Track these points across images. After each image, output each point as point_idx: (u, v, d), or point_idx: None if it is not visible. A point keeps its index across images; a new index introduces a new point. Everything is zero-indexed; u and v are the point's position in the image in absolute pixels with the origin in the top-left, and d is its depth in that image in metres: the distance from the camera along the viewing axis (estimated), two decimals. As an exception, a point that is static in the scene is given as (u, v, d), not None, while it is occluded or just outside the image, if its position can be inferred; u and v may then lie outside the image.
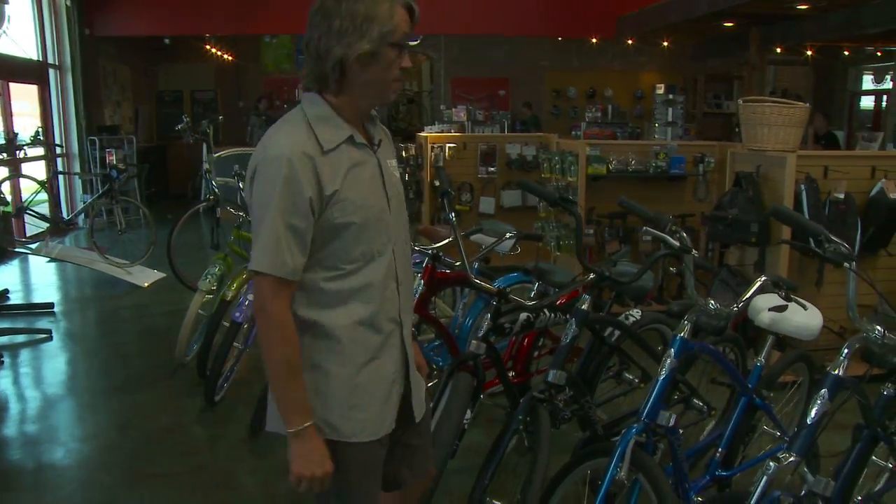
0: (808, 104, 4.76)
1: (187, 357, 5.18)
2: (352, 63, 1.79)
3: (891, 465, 2.89)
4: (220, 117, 9.33)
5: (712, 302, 2.28)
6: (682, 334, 2.39)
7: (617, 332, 3.61)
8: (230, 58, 14.84)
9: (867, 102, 16.37)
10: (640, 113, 15.81)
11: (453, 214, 3.37)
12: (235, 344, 4.39)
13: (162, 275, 7.83)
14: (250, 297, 4.38)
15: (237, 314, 4.32)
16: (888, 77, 15.66)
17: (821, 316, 2.98)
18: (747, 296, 2.32)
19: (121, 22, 11.86)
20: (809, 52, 13.14)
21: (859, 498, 2.69)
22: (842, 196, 4.71)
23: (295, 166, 1.75)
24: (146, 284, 7.60)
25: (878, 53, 14.59)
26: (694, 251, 2.39)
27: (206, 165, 5.90)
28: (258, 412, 4.08)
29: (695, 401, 3.31)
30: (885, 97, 15.64)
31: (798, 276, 4.86)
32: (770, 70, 14.76)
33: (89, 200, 8.63)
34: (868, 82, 16.42)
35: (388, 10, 1.78)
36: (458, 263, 3.54)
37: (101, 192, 8.07)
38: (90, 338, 6.17)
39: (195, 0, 11.85)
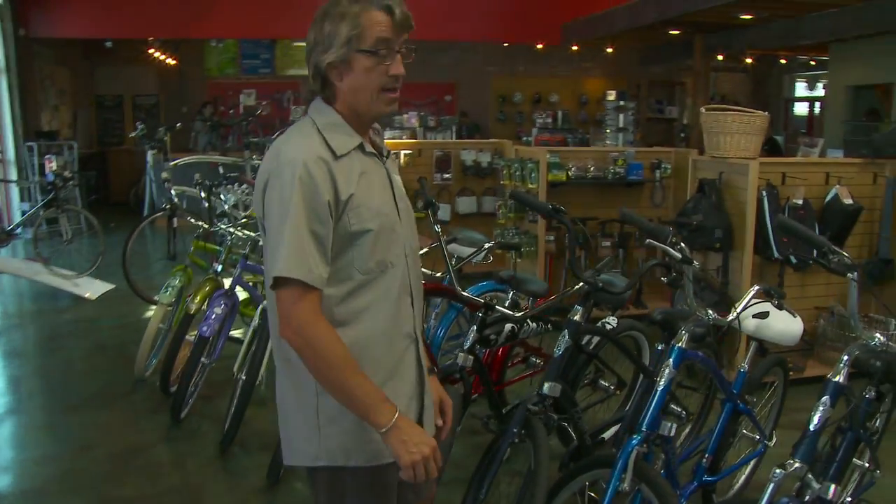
0: (767, 113, 4.87)
1: (147, 373, 5.04)
2: (327, 73, 1.79)
3: (867, 465, 2.97)
4: (178, 125, 9.11)
5: (711, 312, 2.30)
6: (679, 344, 2.41)
7: (595, 340, 3.63)
8: (173, 62, 14.49)
9: (801, 109, 16.92)
10: (584, 118, 16.02)
11: (439, 226, 3.34)
12: (202, 359, 4.27)
13: (111, 286, 7.58)
14: (217, 310, 4.28)
15: (204, 328, 4.20)
16: (820, 84, 16.22)
17: (801, 322, 3.04)
18: (743, 304, 2.35)
19: (59, 23, 11.46)
20: (749, 60, 13.50)
21: (849, 499, 2.74)
22: (800, 202, 4.83)
23: (311, 170, 1.71)
24: (94, 296, 7.34)
25: (812, 62, 15.09)
26: (695, 262, 2.41)
27: (164, 174, 5.73)
28: (231, 429, 3.98)
29: (672, 406, 3.35)
30: (817, 104, 16.19)
31: (759, 279, 4.97)
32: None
33: (32, 209, 8.29)
34: (801, 89, 16.98)
35: (358, 15, 1.75)
36: (438, 275, 3.52)
37: (45, 200, 7.76)
38: (37, 355, 5.91)
39: (137, 2, 11.52)
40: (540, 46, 14.10)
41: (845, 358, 2.19)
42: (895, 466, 3.40)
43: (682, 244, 2.37)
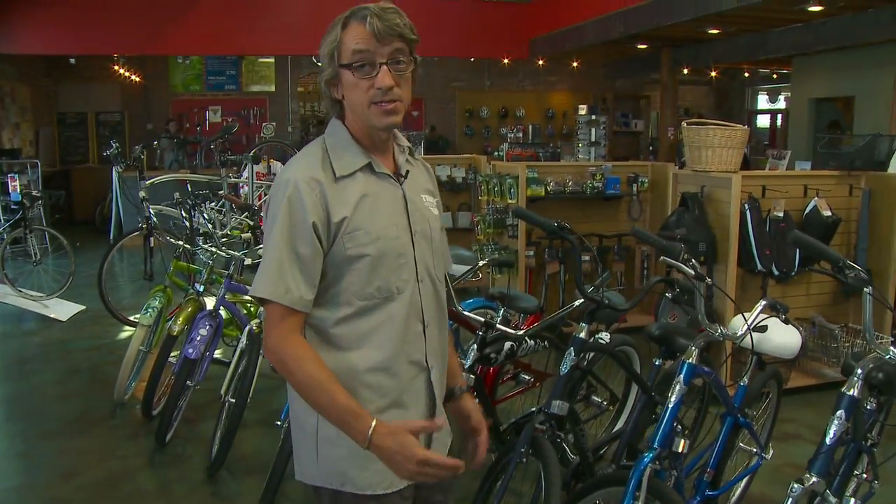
0: (747, 127, 4.94)
1: (126, 396, 4.92)
2: (329, 91, 1.80)
3: (865, 476, 2.99)
4: (155, 143, 8.97)
5: (720, 328, 2.30)
6: (690, 360, 2.40)
7: (589, 355, 3.62)
8: (138, 79, 14.29)
9: (763, 121, 17.25)
10: (551, 132, 16.15)
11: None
12: (187, 381, 4.18)
13: (81, 307, 7.42)
14: (202, 331, 4.20)
15: (190, 350, 4.11)
16: (781, 97, 16.56)
17: (799, 335, 3.07)
18: (752, 318, 2.35)
19: (20, 39, 11.22)
20: (714, 73, 13.74)
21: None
22: (781, 214, 4.89)
23: (300, 190, 1.70)
24: (64, 318, 7.17)
25: (774, 76, 15.41)
26: (708, 279, 2.41)
27: (141, 193, 5.62)
28: (220, 453, 3.89)
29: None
30: (779, 116, 16.52)
31: (742, 291, 5.03)
32: (675, 90, 15.34)
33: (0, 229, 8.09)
34: (763, 102, 17.31)
35: (336, 29, 1.74)
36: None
37: (13, 220, 7.58)
38: (8, 379, 5.71)
39: (101, 18, 11.33)
40: (507, 61, 14.19)
41: (859, 371, 2.20)
42: (886, 476, 3.44)
43: (695, 261, 2.37)
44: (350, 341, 1.77)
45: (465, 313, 3.11)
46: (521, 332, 3.07)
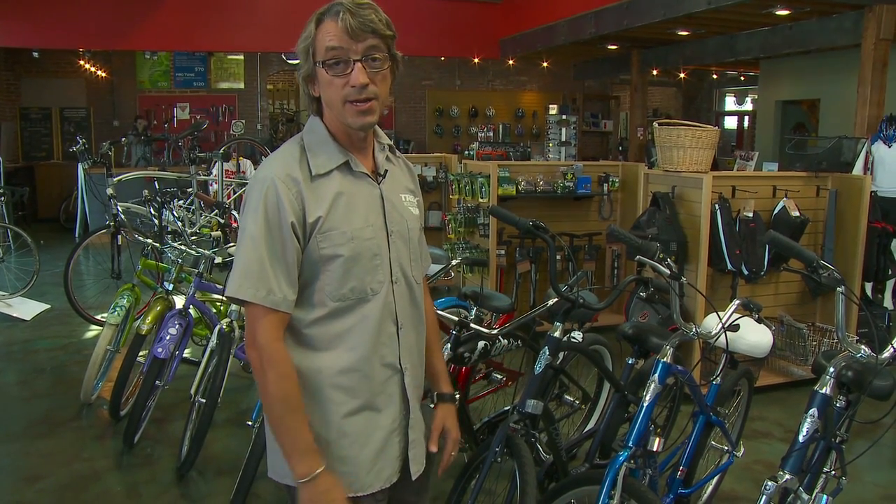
0: (717, 128, 4.99)
1: (93, 396, 4.83)
2: (307, 88, 1.78)
3: (833, 473, 3.03)
4: (123, 139, 8.83)
5: (694, 326, 2.31)
6: (665, 359, 2.41)
7: (562, 355, 3.63)
8: (104, 74, 14.06)
9: (730, 122, 17.46)
10: (521, 132, 16.19)
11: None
12: (156, 381, 4.11)
13: (46, 306, 7.28)
14: (171, 331, 4.14)
15: (159, 349, 4.05)
16: (748, 99, 16.78)
17: (770, 334, 3.10)
18: (726, 318, 2.37)
19: (-19, 32, 11.02)
20: (683, 75, 13.87)
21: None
22: (751, 215, 4.95)
23: (278, 189, 1.68)
24: (28, 317, 7.03)
25: (742, 78, 15.61)
26: (683, 278, 2.42)
27: (109, 190, 5.53)
28: (190, 453, 3.84)
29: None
30: (746, 117, 16.74)
31: (712, 291, 5.08)
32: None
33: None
34: (731, 103, 17.53)
35: (311, 26, 1.73)
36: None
37: (-26, 218, 7.43)
38: (-29, 379, 5.62)
39: (66, 11, 11.14)
40: (477, 60, 14.20)
41: (832, 370, 2.23)
42: (853, 473, 3.50)
43: (670, 260, 2.38)
44: (323, 342, 1.76)
45: (439, 312, 3.09)
46: (495, 331, 3.07)
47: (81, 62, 13.59)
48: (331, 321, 1.75)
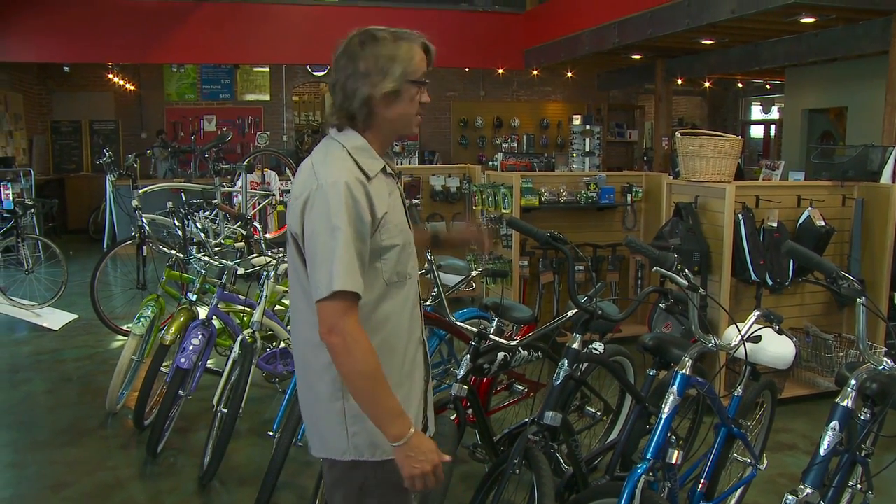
0: (740, 137, 4.95)
1: (118, 406, 4.89)
2: (378, 101, 1.94)
3: (860, 487, 2.98)
4: (148, 151, 8.96)
5: (714, 338, 2.29)
6: (684, 371, 2.39)
7: (583, 366, 3.61)
8: (132, 87, 14.29)
9: (757, 131, 17.31)
10: (545, 142, 16.17)
11: (430, 254, 3.30)
12: (180, 391, 4.15)
13: (74, 316, 7.39)
14: (194, 341, 4.18)
15: (182, 360, 4.09)
16: (774, 108, 16.63)
17: (793, 345, 3.06)
18: (746, 329, 2.35)
19: (14, 47, 11.20)
20: (708, 84, 13.78)
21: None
22: (775, 224, 4.90)
23: (354, 191, 1.86)
24: (56, 327, 7.13)
25: (768, 86, 15.47)
26: (702, 289, 2.41)
27: (134, 202, 5.60)
28: (212, 463, 3.87)
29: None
30: (772, 126, 16.58)
31: (736, 301, 5.03)
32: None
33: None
34: (757, 112, 17.38)
35: (408, 50, 1.95)
36: (428, 302, 3.47)
37: (5, 228, 7.55)
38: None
39: (95, 27, 11.34)
40: (501, 71, 14.22)
41: (853, 382, 2.20)
42: (881, 487, 3.44)
43: (688, 272, 2.37)
44: (380, 324, 1.97)
45: (459, 323, 3.10)
46: (514, 343, 3.06)
47: (110, 76, 13.82)
48: (382, 304, 1.97)
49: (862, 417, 2.71)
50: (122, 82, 14.07)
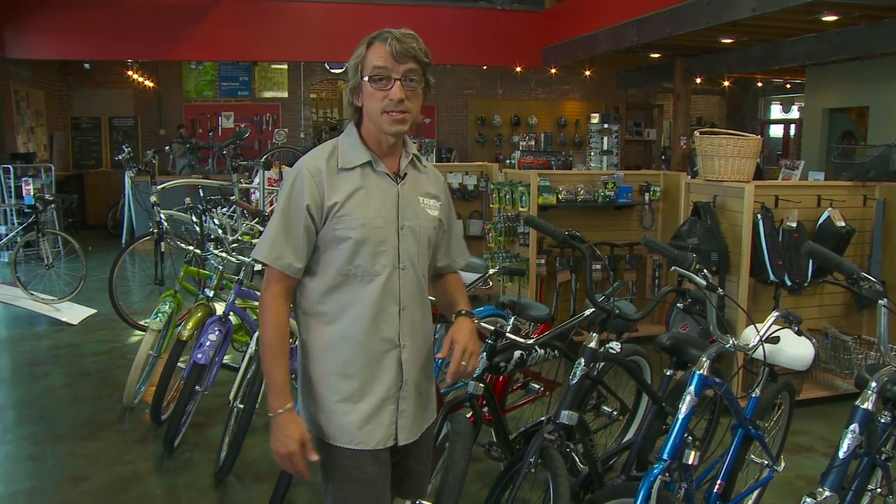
0: (759, 136, 4.91)
1: (135, 400, 4.92)
2: (351, 97, 2.09)
3: (880, 490, 2.95)
4: (167, 147, 9.02)
5: (732, 339, 2.27)
6: (701, 371, 2.38)
7: (599, 365, 3.59)
8: (151, 84, 14.39)
9: (776, 131, 17.17)
10: (563, 140, 16.12)
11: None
12: (196, 387, 4.17)
13: (92, 311, 7.45)
14: (211, 337, 4.19)
15: (199, 355, 4.10)
16: (794, 107, 16.48)
17: (811, 346, 3.04)
18: (764, 329, 2.33)
19: (35, 44, 11.32)
20: (727, 83, 13.68)
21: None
22: (794, 224, 4.86)
23: (303, 176, 2.03)
24: (75, 322, 7.19)
25: (788, 86, 15.34)
26: (720, 289, 2.39)
27: (152, 198, 5.63)
28: (228, 458, 3.89)
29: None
30: (792, 126, 16.44)
31: (754, 302, 4.99)
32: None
33: (11, 233, 8.13)
34: (776, 112, 17.24)
35: (363, 47, 2.05)
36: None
37: (25, 223, 7.62)
38: (18, 382, 5.73)
39: (115, 24, 11.43)
40: (519, 69, 14.19)
41: (874, 384, 2.17)
42: None
43: (706, 272, 2.35)
44: (333, 314, 2.08)
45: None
46: (530, 341, 3.05)
47: (130, 73, 13.92)
48: (336, 293, 2.07)
49: (882, 420, 2.69)
50: (141, 79, 14.17)
